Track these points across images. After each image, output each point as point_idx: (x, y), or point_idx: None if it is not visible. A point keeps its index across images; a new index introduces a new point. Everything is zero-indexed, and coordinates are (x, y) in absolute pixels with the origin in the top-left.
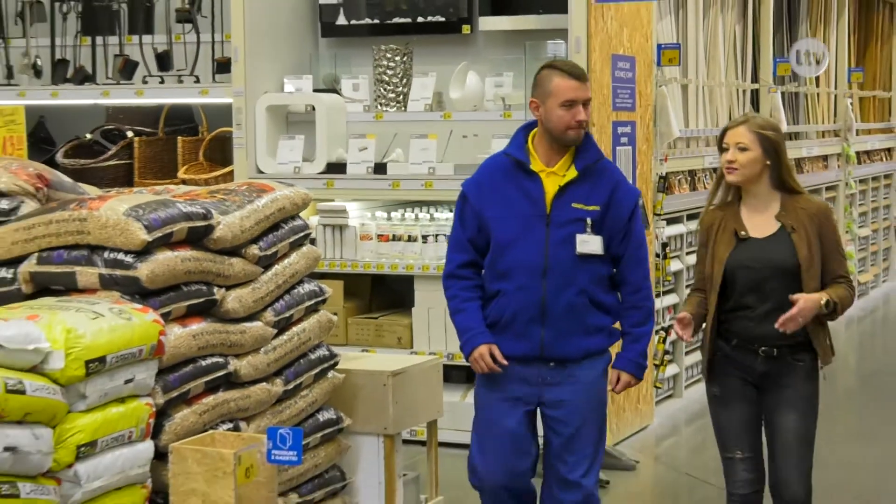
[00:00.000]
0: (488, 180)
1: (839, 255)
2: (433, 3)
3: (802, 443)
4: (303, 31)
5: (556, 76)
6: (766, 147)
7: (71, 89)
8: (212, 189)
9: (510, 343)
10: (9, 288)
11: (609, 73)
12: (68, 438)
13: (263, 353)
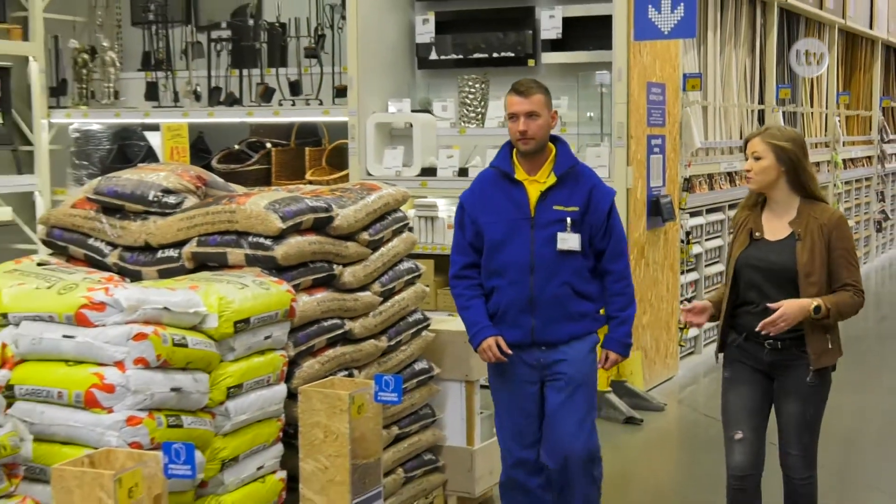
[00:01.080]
0: (479, 190)
1: (848, 264)
2: (505, 42)
3: (804, 428)
4: (403, 65)
5: (508, 94)
6: (779, 156)
7: (223, 110)
8: (332, 188)
9: (506, 331)
10: (175, 265)
11: (644, 97)
12: (220, 382)
13: (372, 317)
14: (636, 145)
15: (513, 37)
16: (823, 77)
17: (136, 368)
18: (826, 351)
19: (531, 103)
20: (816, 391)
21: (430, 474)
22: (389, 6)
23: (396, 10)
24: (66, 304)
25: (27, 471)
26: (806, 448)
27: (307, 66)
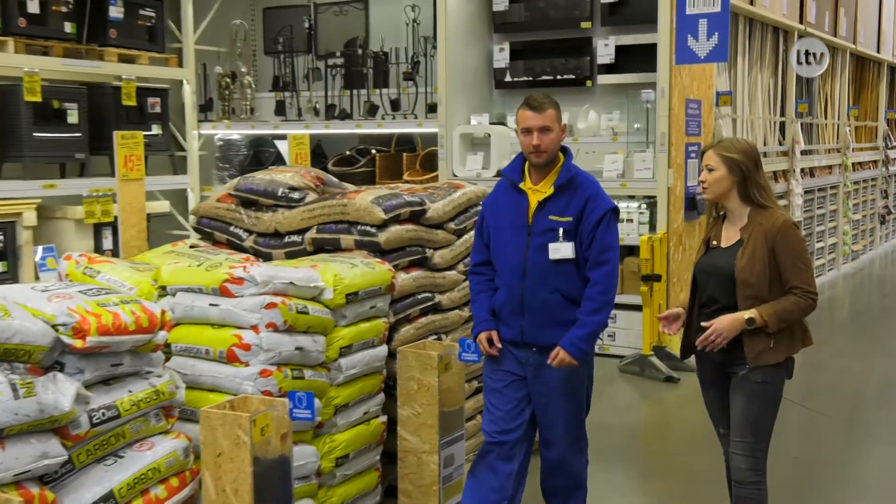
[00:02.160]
0: (494, 197)
1: (794, 267)
2: (567, 66)
3: (747, 426)
4: (483, 86)
5: (521, 109)
6: (730, 167)
7: (337, 123)
8: (425, 186)
9: (503, 329)
10: (299, 248)
11: (683, 111)
12: (334, 343)
13: (456, 291)
14: (676, 151)
15: (573, 62)
16: (836, 93)
17: (267, 331)
18: (767, 350)
19: (544, 118)
20: (762, 390)
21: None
22: (472, 38)
23: (478, 40)
24: (212, 279)
25: (181, 412)
26: (750, 449)
27: (405, 87)
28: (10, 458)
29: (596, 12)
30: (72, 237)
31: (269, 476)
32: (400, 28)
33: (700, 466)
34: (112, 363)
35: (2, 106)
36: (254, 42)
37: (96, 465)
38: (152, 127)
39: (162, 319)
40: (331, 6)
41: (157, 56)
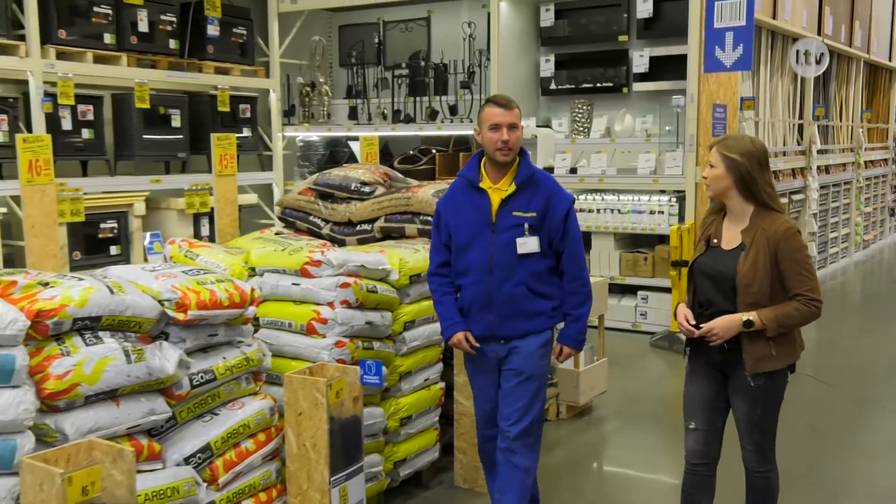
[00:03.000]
0: (451, 198)
1: (798, 274)
2: (605, 75)
3: (753, 427)
4: (530, 92)
5: (488, 106)
6: (728, 166)
7: (402, 126)
8: None
9: (472, 325)
10: (369, 235)
11: (711, 115)
12: (399, 318)
13: None
14: (703, 151)
15: (611, 71)
16: (850, 98)
17: (341, 307)
18: (767, 357)
19: (513, 115)
20: (764, 393)
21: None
22: (521, 50)
23: (526, 53)
24: (294, 262)
25: (267, 377)
26: (758, 445)
27: (462, 94)
28: (124, 414)
29: (632, 27)
30: (174, 225)
31: (343, 433)
32: (458, 42)
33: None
34: (209, 334)
35: (117, 112)
36: (331, 55)
37: (195, 421)
38: (243, 130)
39: (251, 296)
40: (398, 23)
41: (248, 68)
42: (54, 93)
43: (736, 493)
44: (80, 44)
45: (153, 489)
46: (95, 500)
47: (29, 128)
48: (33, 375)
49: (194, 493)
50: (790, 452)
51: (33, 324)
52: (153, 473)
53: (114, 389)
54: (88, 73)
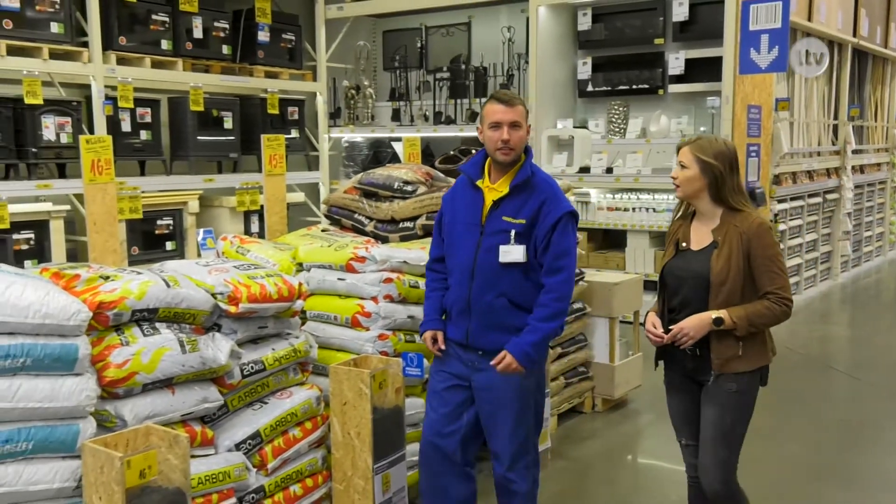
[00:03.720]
0: (453, 192)
1: (770, 271)
2: (641, 77)
3: (720, 436)
4: (567, 95)
5: (489, 103)
6: (703, 168)
7: (443, 127)
8: None
9: (451, 328)
10: (411, 232)
11: (745, 115)
12: None
13: None
14: (738, 151)
15: (647, 73)
16: (885, 99)
17: (385, 302)
18: (734, 358)
19: (515, 113)
20: (736, 400)
21: (582, 382)
22: (559, 54)
23: (564, 56)
24: (340, 258)
25: (314, 368)
26: (722, 463)
27: None
28: (178, 402)
29: (668, 30)
30: (226, 222)
31: (386, 422)
32: (497, 46)
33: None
34: (259, 326)
35: (172, 114)
36: (375, 60)
37: (246, 409)
38: (291, 131)
39: (299, 290)
40: (439, 28)
41: (296, 72)
42: (115, 96)
43: None
44: (139, 50)
45: (206, 473)
46: (152, 483)
47: (91, 130)
48: (95, 364)
49: (245, 478)
50: (823, 447)
51: (95, 315)
52: (206, 458)
53: (169, 378)
54: (146, 77)
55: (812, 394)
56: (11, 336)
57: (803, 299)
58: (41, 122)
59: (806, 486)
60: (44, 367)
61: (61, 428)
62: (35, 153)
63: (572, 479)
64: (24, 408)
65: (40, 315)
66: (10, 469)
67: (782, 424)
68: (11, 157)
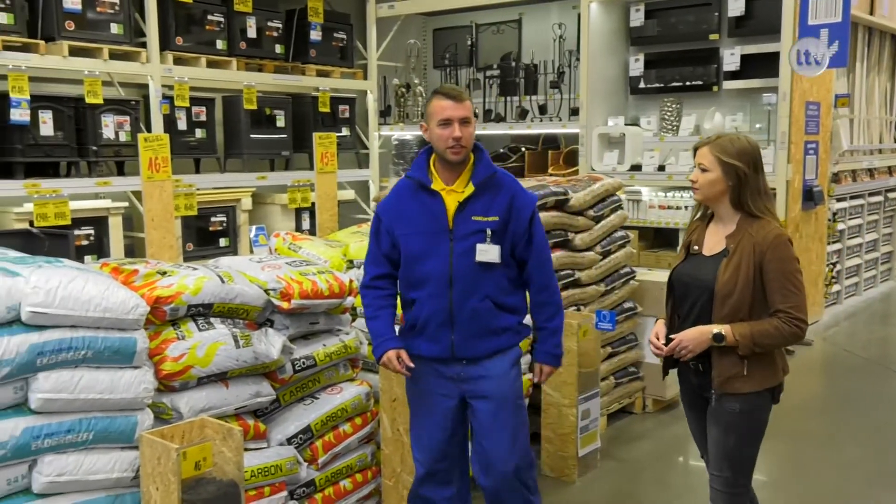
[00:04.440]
0: (396, 201)
1: (783, 288)
2: (695, 74)
3: (724, 459)
4: (619, 92)
5: (436, 99)
6: (726, 171)
7: (493, 125)
8: (567, 179)
9: (426, 345)
10: None
11: (803, 112)
12: None
13: (594, 269)
14: (795, 148)
15: (700, 70)
16: None
17: None
18: (737, 377)
19: (465, 109)
20: (740, 420)
21: (632, 382)
22: (611, 50)
23: (616, 53)
24: None
25: (364, 364)
26: (728, 484)
27: (551, 94)
28: (232, 396)
29: (723, 25)
30: (278, 219)
31: None
32: (548, 43)
33: (811, 429)
34: (310, 322)
35: (227, 113)
36: (425, 58)
37: (297, 404)
38: (342, 129)
39: (350, 287)
40: (489, 26)
41: (347, 71)
42: (171, 95)
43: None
44: (194, 50)
45: (258, 466)
46: (207, 474)
47: (148, 128)
48: (152, 357)
49: (296, 472)
50: (883, 452)
51: (152, 309)
52: (258, 452)
53: (223, 372)
54: (202, 76)
55: (871, 397)
56: (73, 329)
57: (863, 300)
58: (101, 120)
59: (866, 490)
60: (104, 359)
61: (120, 419)
62: (95, 151)
63: (622, 480)
64: (85, 399)
65: (101, 309)
66: (71, 458)
67: (840, 428)
68: (73, 155)
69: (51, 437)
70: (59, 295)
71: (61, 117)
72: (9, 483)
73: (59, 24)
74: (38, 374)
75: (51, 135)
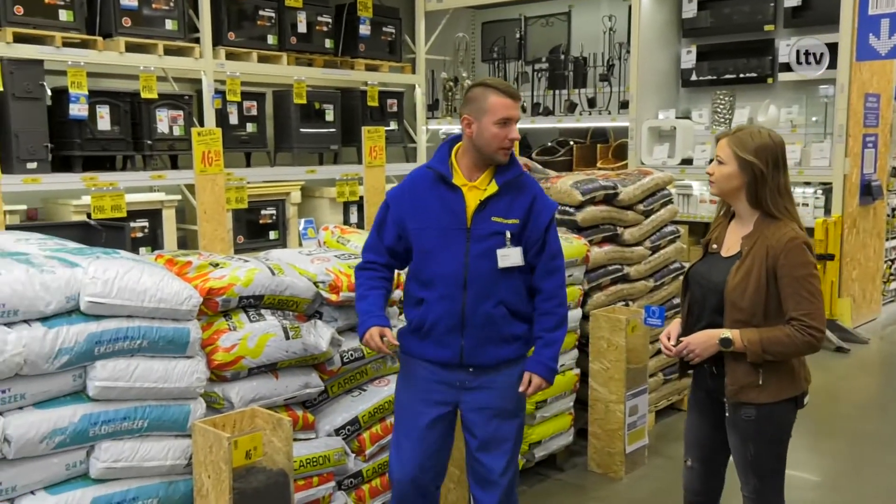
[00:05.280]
0: (411, 192)
1: (797, 294)
2: (749, 66)
3: (748, 467)
4: (670, 84)
5: (493, 94)
6: (742, 165)
7: (541, 119)
8: (617, 173)
9: (432, 349)
10: None
11: (862, 104)
12: None
13: (643, 264)
14: (853, 142)
15: (755, 62)
16: None
17: None
18: (751, 386)
19: (519, 108)
20: (757, 429)
21: (681, 378)
22: (662, 42)
23: (667, 45)
24: None
25: None
26: (757, 492)
27: (600, 87)
28: (282, 386)
29: (779, 16)
30: (326, 212)
31: None
32: (598, 36)
33: (869, 429)
34: None
35: (277, 107)
36: (473, 51)
37: (345, 396)
38: (390, 123)
39: (397, 280)
40: (539, 18)
41: (396, 65)
42: (223, 90)
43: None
44: (246, 45)
45: (307, 457)
46: (257, 463)
47: (201, 122)
48: (204, 347)
49: (344, 463)
50: None
51: (205, 300)
52: (307, 442)
53: (273, 363)
54: (253, 71)
55: None
56: (129, 319)
57: None
58: (156, 115)
59: None
60: (158, 349)
61: (174, 408)
62: (150, 145)
63: (670, 477)
64: (140, 387)
65: (155, 299)
66: (127, 445)
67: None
68: (129, 149)
69: (108, 424)
70: (117, 286)
71: (118, 112)
72: (68, 468)
73: (116, 21)
74: (96, 363)
75: (108, 129)
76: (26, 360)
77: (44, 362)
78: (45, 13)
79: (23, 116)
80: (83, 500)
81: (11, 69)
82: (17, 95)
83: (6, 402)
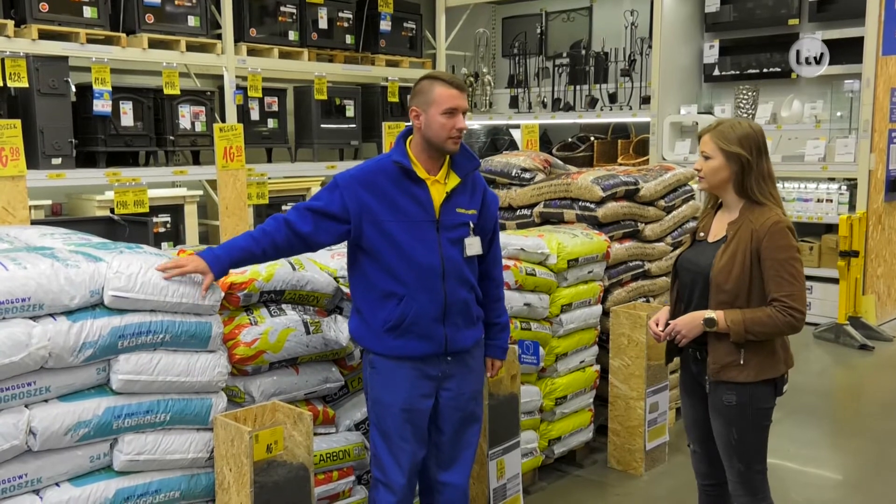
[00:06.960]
0: (372, 182)
1: (779, 276)
2: (772, 61)
3: (732, 450)
4: (692, 79)
5: (439, 86)
6: (728, 157)
7: (561, 114)
8: (638, 168)
9: (415, 343)
10: (528, 220)
11: (888, 100)
12: (557, 301)
13: (664, 260)
14: (879, 137)
15: (778, 56)
16: None
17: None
18: (732, 365)
19: (465, 99)
20: (739, 412)
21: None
22: (684, 37)
23: (689, 39)
24: None
25: None
26: (741, 475)
27: (622, 82)
28: (302, 381)
29: (804, 10)
30: None
31: (501, 409)
32: (619, 31)
33: (892, 428)
34: None
35: (298, 103)
36: (494, 47)
37: None
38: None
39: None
40: (560, 14)
41: (416, 60)
42: (245, 86)
43: None
44: (267, 41)
45: (327, 451)
46: (278, 457)
47: (223, 118)
48: (226, 342)
49: (363, 457)
50: None
51: (226, 295)
52: (327, 437)
53: (294, 358)
54: (274, 67)
55: None
56: (152, 313)
57: None
58: (178, 111)
59: None
60: (180, 343)
61: (196, 401)
62: (172, 141)
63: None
64: (163, 381)
65: (178, 294)
66: (149, 438)
67: None
68: (151, 145)
69: (131, 417)
70: (140, 280)
71: (141, 108)
72: (91, 460)
73: (139, 18)
74: (119, 356)
75: (131, 125)
76: (51, 353)
77: (68, 355)
78: (70, 10)
79: (48, 112)
80: (107, 492)
81: (37, 65)
82: (43, 92)
83: (31, 395)
